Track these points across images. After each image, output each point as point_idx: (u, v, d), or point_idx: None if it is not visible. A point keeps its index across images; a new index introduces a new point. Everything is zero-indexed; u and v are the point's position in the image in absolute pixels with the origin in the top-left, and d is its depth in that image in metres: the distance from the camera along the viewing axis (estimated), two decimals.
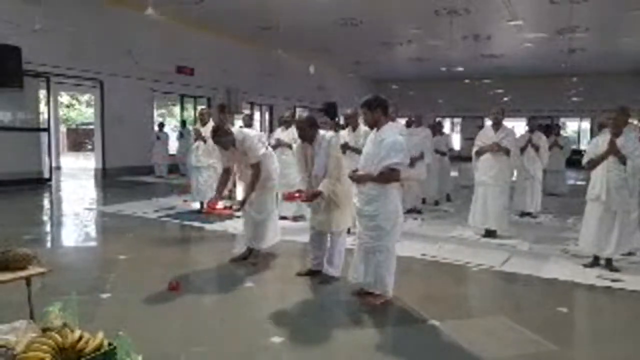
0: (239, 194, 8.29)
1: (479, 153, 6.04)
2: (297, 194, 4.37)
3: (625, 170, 4.49)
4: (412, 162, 7.77)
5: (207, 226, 6.50)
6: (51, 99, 12.34)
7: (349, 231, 5.74)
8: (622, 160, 4.50)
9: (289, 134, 7.57)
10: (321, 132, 4.08)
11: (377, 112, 3.60)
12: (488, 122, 16.91)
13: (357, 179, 3.64)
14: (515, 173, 7.20)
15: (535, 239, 6.12)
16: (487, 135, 6.05)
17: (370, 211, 3.56)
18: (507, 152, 5.87)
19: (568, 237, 6.08)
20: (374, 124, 3.64)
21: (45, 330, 2.35)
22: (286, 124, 7.53)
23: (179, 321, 3.34)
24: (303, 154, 4.18)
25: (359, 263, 3.72)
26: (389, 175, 3.50)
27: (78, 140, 25.49)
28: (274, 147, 7.68)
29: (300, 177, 4.34)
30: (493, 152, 5.89)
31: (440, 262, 4.99)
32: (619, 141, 4.54)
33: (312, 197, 3.99)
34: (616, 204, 4.59)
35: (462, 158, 13.72)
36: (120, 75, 12.35)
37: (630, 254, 5.11)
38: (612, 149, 4.53)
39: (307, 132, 4.02)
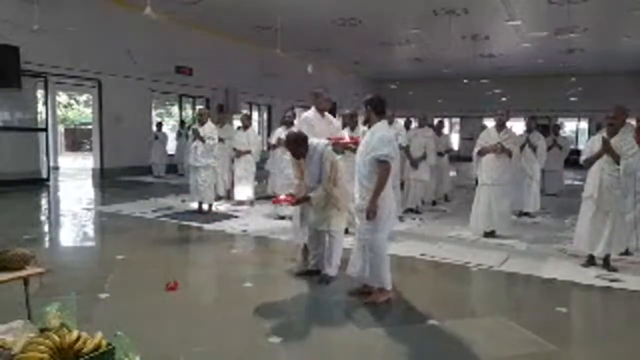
0: (237, 194, 8.33)
1: (481, 153, 6.05)
2: (283, 197, 4.43)
3: (619, 170, 4.50)
4: (416, 163, 7.80)
5: (206, 226, 6.49)
6: (49, 98, 12.30)
7: (347, 232, 5.76)
8: (616, 159, 4.50)
9: None
10: (312, 142, 4.09)
11: (368, 110, 3.77)
12: (486, 122, 16.86)
13: (372, 206, 3.56)
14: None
15: (533, 238, 6.13)
16: (490, 136, 6.07)
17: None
18: (509, 153, 5.88)
19: (566, 237, 6.07)
20: (365, 122, 3.87)
21: (43, 330, 2.33)
22: (287, 123, 7.53)
23: (178, 321, 3.33)
24: (297, 163, 4.25)
25: (357, 258, 3.76)
26: (382, 171, 3.55)
27: (76, 140, 25.45)
28: (275, 147, 7.70)
29: (296, 181, 4.37)
30: (496, 153, 5.90)
31: (440, 262, 4.99)
32: (614, 140, 4.54)
33: (299, 201, 4.18)
34: (608, 203, 4.60)
35: (460, 158, 13.74)
36: (118, 75, 12.32)
37: (627, 253, 5.12)
38: (606, 148, 4.53)
39: (298, 149, 4.05)
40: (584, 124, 23.35)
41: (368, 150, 3.62)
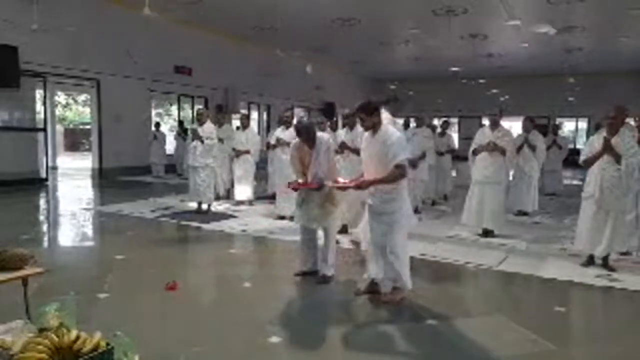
0: (238, 194, 8.32)
1: (476, 152, 6.07)
2: (302, 182, 4.13)
3: (620, 169, 4.50)
4: (414, 163, 7.78)
5: (205, 226, 6.49)
6: (48, 98, 12.27)
7: (346, 231, 5.76)
8: (617, 159, 4.50)
9: (289, 133, 7.55)
10: (319, 134, 4.12)
11: (375, 115, 3.62)
12: (486, 122, 16.81)
13: (368, 184, 3.63)
14: (511, 172, 7.20)
15: (532, 238, 6.13)
16: (484, 134, 6.09)
17: (388, 210, 3.62)
18: (502, 151, 5.89)
19: (565, 236, 6.08)
20: (372, 127, 3.66)
21: (42, 330, 2.33)
22: (286, 123, 7.51)
23: (177, 321, 3.32)
24: (297, 155, 4.17)
25: (377, 260, 3.75)
26: (397, 173, 3.52)
27: (75, 140, 25.40)
28: (274, 146, 7.69)
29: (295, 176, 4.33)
30: (489, 151, 5.91)
31: (440, 262, 4.99)
32: (614, 140, 4.54)
33: (317, 185, 3.98)
34: (608, 203, 4.60)
35: (459, 157, 13.70)
36: (117, 75, 12.31)
37: (627, 253, 5.12)
38: (606, 148, 4.53)
39: (310, 137, 4.04)
40: (582, 124, 23.35)
41: (390, 157, 3.52)
